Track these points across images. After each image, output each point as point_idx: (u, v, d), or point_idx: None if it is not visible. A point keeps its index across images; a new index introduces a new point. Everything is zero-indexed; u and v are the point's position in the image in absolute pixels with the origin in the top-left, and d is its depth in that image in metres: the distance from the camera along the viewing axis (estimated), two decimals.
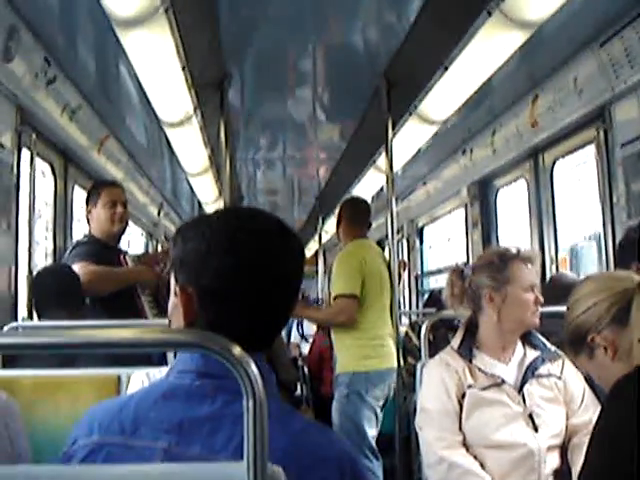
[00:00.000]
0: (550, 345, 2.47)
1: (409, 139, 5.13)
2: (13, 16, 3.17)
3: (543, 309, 2.43)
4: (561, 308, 3.00)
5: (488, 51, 3.55)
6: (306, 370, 6.06)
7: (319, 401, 5.29)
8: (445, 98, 4.33)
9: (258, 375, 0.95)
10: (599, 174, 3.98)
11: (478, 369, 2.37)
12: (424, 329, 2.88)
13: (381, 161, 5.80)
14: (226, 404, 1.14)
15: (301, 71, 4.38)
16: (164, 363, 2.54)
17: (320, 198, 8.46)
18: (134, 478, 1.01)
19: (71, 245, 3.90)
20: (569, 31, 3.54)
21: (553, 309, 2.53)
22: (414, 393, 2.89)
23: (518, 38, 3.34)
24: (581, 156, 4.48)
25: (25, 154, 3.81)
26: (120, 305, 3.52)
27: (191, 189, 7.18)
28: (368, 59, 4.18)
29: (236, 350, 0.94)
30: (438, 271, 7.91)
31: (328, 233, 9.92)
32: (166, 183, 7.58)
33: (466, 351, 2.42)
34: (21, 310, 3.69)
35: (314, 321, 5.29)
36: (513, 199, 5.65)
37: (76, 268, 3.44)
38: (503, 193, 5.84)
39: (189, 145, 5.33)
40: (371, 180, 6.67)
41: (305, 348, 7.28)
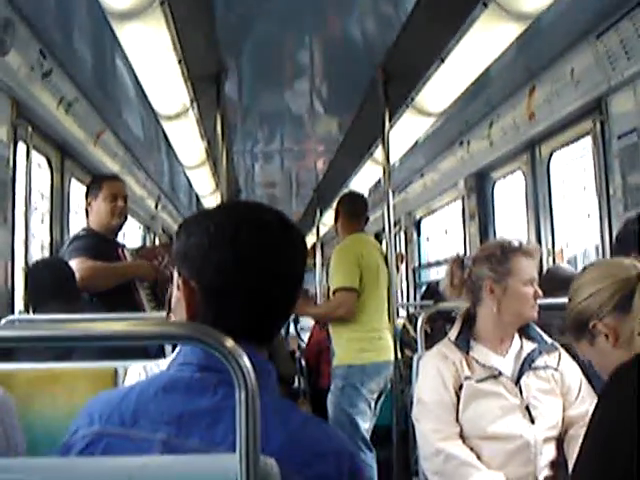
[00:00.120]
0: (547, 337, 2.47)
1: (406, 131, 5.13)
2: (8, 9, 3.17)
3: (540, 301, 2.43)
4: (558, 300, 3.02)
5: (485, 43, 3.54)
6: (303, 363, 6.07)
7: (317, 394, 5.30)
8: (442, 90, 4.33)
9: (250, 367, 0.95)
10: (596, 166, 3.97)
11: (475, 361, 2.37)
12: (420, 321, 2.87)
13: (378, 153, 5.79)
14: (226, 397, 1.13)
15: (298, 63, 4.37)
16: (161, 356, 2.54)
17: (318, 191, 8.46)
18: (127, 470, 1.01)
19: (69, 239, 3.89)
20: (566, 23, 3.54)
21: (550, 301, 2.54)
22: (411, 385, 2.90)
23: (514, 30, 3.33)
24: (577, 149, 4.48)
25: (21, 147, 3.81)
26: (118, 299, 3.52)
27: (188, 182, 7.18)
28: (365, 51, 4.18)
29: (228, 343, 0.95)
30: (436, 263, 7.92)
31: (326, 226, 9.92)
32: (163, 176, 7.58)
33: (463, 343, 2.42)
34: (18, 304, 3.69)
35: (314, 317, 5.30)
36: (510, 191, 5.65)
37: (74, 263, 3.44)
38: (500, 185, 5.84)
39: (186, 138, 5.33)
40: (368, 172, 6.68)
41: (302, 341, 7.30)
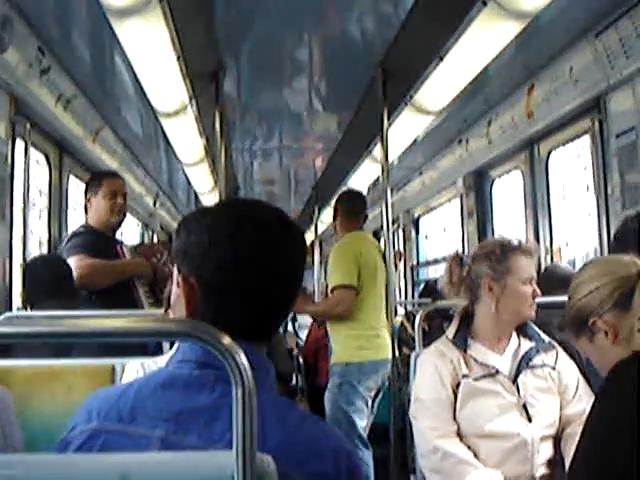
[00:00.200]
0: (544, 335, 2.47)
1: (405, 129, 5.13)
2: (6, 6, 3.16)
3: (538, 299, 2.43)
4: (556, 298, 3.02)
5: (483, 41, 3.54)
6: (301, 361, 6.08)
7: (314, 391, 5.30)
8: (441, 88, 4.33)
9: (247, 364, 0.95)
10: (594, 165, 3.98)
11: (473, 359, 2.37)
12: (418, 319, 2.87)
13: (377, 151, 5.79)
14: (224, 394, 1.13)
15: (297, 61, 4.36)
16: (159, 353, 2.54)
17: (316, 188, 8.45)
18: (124, 466, 1.01)
19: (67, 236, 3.88)
20: (564, 21, 3.54)
21: (548, 299, 2.54)
22: (409, 383, 2.90)
23: (513, 28, 3.33)
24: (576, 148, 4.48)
25: (19, 144, 3.81)
26: (117, 297, 3.51)
27: (187, 179, 7.17)
28: (364, 49, 4.17)
29: (225, 340, 0.95)
30: (434, 261, 7.92)
31: (324, 223, 9.91)
32: (162, 173, 7.57)
33: (461, 341, 2.42)
34: (15, 300, 3.69)
35: (312, 314, 5.30)
36: (508, 189, 5.65)
37: (73, 261, 3.44)
38: (499, 183, 5.84)
39: (184, 135, 5.32)
40: (367, 170, 6.68)
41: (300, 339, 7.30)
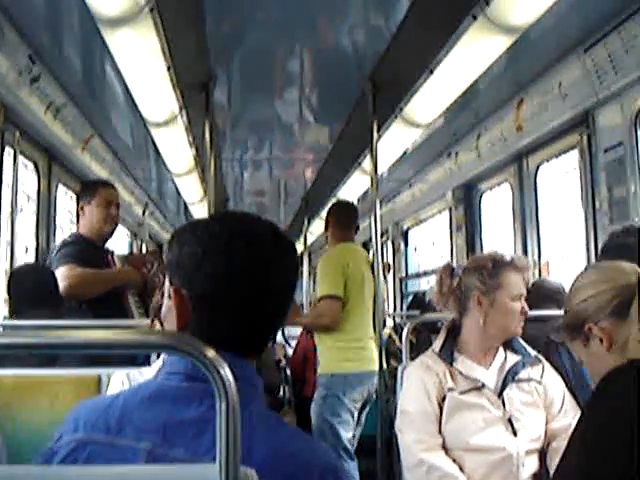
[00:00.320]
0: (530, 350, 2.48)
1: (394, 142, 5.14)
2: None
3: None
4: (543, 313, 3.03)
5: (473, 55, 3.56)
6: (289, 372, 6.05)
7: (302, 403, 5.28)
8: (430, 101, 4.34)
9: (232, 378, 0.95)
10: (582, 179, 4.00)
11: (459, 372, 2.37)
12: (405, 332, 2.88)
13: (367, 163, 5.81)
14: (212, 407, 1.12)
15: (288, 72, 4.37)
16: (147, 363, 2.53)
17: (306, 199, 8.45)
18: (108, 479, 1.00)
19: (57, 244, 3.83)
20: (554, 36, 3.56)
21: (535, 313, 2.55)
22: (396, 396, 2.89)
23: (503, 42, 3.35)
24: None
25: (8, 152, 3.79)
26: (107, 306, 3.49)
27: (176, 189, 7.16)
28: (354, 62, 4.18)
29: (209, 352, 0.95)
30: (423, 274, 7.93)
31: (314, 234, 9.91)
32: (151, 183, 7.56)
33: (447, 354, 2.42)
34: (2, 309, 3.66)
35: (300, 325, 5.28)
36: (497, 203, 5.66)
37: (63, 270, 3.41)
38: (487, 197, 5.86)
39: (174, 145, 5.32)
40: (357, 182, 6.69)
41: (289, 349, 7.27)
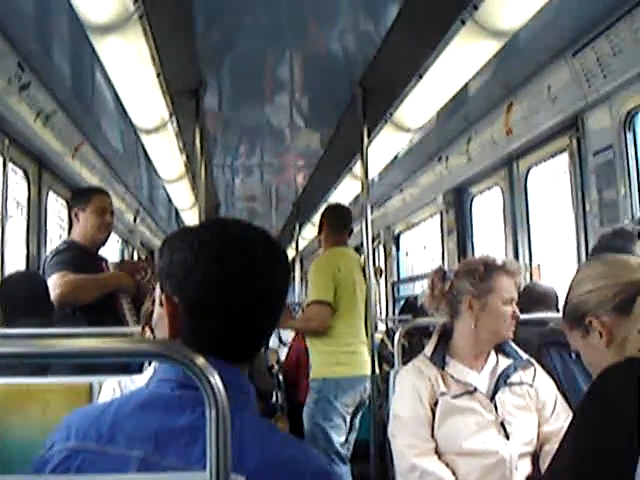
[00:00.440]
0: (522, 353, 2.48)
1: (385, 146, 5.15)
2: None
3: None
4: (534, 316, 3.04)
5: (462, 59, 3.57)
6: (281, 378, 6.04)
7: (295, 408, 5.27)
8: (420, 106, 4.35)
9: (221, 385, 0.95)
10: (572, 182, 4.01)
11: (451, 377, 2.37)
12: (397, 336, 2.87)
13: (357, 168, 5.82)
14: (204, 415, 1.12)
15: (278, 78, 4.37)
16: (140, 370, 2.52)
17: (297, 205, 8.45)
18: None
19: (50, 252, 3.77)
20: (542, 40, 3.58)
21: (527, 316, 2.55)
22: (389, 400, 2.89)
23: (492, 47, 3.36)
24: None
25: None
26: (101, 313, 3.47)
27: (167, 196, 7.15)
28: (344, 67, 4.19)
29: (199, 360, 0.94)
30: (415, 278, 7.93)
31: (305, 240, 9.92)
32: (142, 190, 7.55)
33: (439, 358, 2.42)
34: None
35: (291, 329, 5.28)
36: (488, 206, 5.67)
37: (56, 277, 3.39)
38: (478, 201, 5.87)
39: (165, 152, 5.31)
40: (348, 187, 6.69)
41: (282, 354, 7.26)
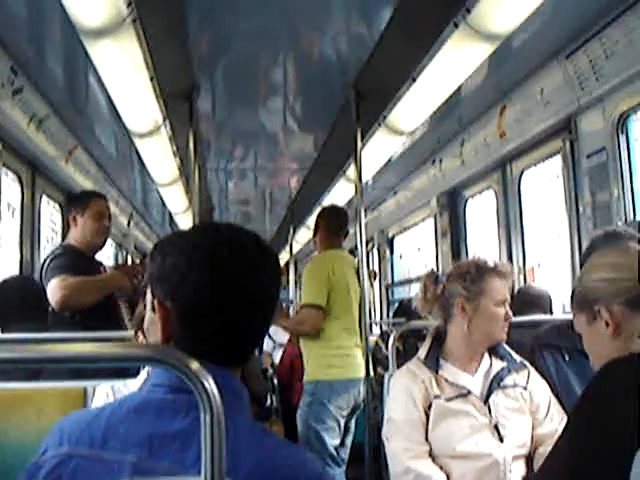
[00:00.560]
0: (516, 355, 2.48)
1: (378, 149, 5.15)
2: None
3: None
4: (528, 318, 3.05)
5: (456, 63, 3.57)
6: (275, 381, 6.04)
7: (289, 411, 5.26)
8: (414, 109, 4.35)
9: (216, 389, 0.94)
10: (565, 184, 4.02)
11: (444, 380, 2.37)
12: (392, 339, 2.88)
13: (351, 171, 5.82)
14: (198, 419, 1.12)
15: (271, 81, 4.37)
16: (136, 374, 2.51)
17: (291, 208, 8.45)
18: None
19: (48, 256, 3.73)
20: (535, 43, 3.58)
21: (521, 319, 2.55)
22: (383, 403, 2.89)
23: (485, 50, 3.37)
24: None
25: None
26: (100, 316, 3.47)
27: (161, 199, 7.14)
28: (338, 70, 4.19)
29: (193, 365, 0.94)
30: (409, 281, 7.94)
31: (299, 243, 9.91)
32: (136, 193, 7.54)
33: (432, 361, 2.42)
34: None
35: (284, 328, 5.28)
36: (482, 209, 5.68)
37: (55, 282, 3.38)
38: (472, 203, 5.88)
39: (158, 155, 5.30)
40: (342, 190, 6.68)
41: (277, 357, 7.26)
